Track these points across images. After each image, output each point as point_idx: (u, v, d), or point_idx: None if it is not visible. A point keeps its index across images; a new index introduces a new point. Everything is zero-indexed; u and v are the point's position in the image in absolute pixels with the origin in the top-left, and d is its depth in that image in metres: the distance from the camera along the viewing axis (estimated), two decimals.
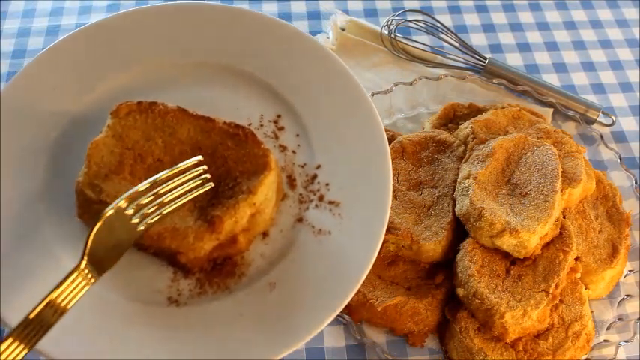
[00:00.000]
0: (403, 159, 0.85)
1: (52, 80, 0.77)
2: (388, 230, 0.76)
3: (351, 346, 0.78)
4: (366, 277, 0.77)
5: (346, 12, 1.13)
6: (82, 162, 0.68)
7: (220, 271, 0.67)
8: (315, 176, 0.73)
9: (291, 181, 0.73)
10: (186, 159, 0.68)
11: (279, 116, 0.77)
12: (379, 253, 0.79)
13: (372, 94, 0.93)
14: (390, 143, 0.86)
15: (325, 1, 1.16)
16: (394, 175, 0.83)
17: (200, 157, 0.67)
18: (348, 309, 0.77)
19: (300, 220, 0.71)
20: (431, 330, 0.78)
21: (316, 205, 0.71)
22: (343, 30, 1.09)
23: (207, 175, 0.67)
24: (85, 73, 0.78)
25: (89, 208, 0.67)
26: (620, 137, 1.00)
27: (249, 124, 0.76)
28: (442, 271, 0.79)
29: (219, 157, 0.69)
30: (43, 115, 0.75)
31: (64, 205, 0.70)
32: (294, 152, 0.75)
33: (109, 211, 0.61)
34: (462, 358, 0.74)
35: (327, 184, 0.72)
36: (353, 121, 0.75)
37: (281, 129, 0.77)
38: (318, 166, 0.74)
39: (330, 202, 0.71)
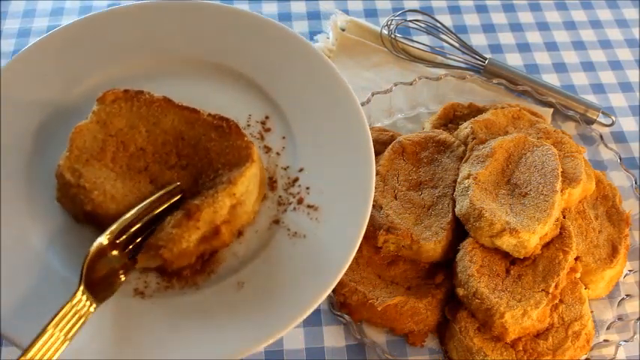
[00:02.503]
0: (403, 159, 0.85)
1: (40, 70, 0.78)
2: (388, 230, 0.76)
3: (351, 346, 0.78)
4: (366, 277, 0.78)
5: (346, 12, 1.13)
6: (64, 150, 0.69)
7: (191, 267, 0.67)
8: (296, 179, 0.73)
9: (272, 183, 0.73)
10: (169, 149, 0.70)
11: (267, 117, 0.78)
12: (379, 253, 0.79)
13: (372, 94, 0.93)
14: (390, 143, 0.87)
15: (325, 1, 1.16)
16: (394, 175, 0.83)
17: (178, 183, 0.68)
18: (348, 309, 0.77)
19: (276, 221, 0.71)
20: (431, 330, 0.78)
21: (294, 208, 0.71)
22: (343, 30, 1.09)
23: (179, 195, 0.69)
24: (75, 64, 0.79)
25: (67, 192, 0.67)
26: (620, 137, 1.00)
27: None
28: (442, 271, 0.79)
29: (201, 149, 0.69)
30: (28, 103, 0.75)
31: (44, 191, 0.70)
32: (278, 154, 0.75)
33: (96, 244, 0.62)
34: (462, 358, 0.74)
35: (308, 188, 0.72)
36: (340, 127, 0.75)
37: (267, 130, 0.77)
38: (301, 169, 0.74)
39: (309, 206, 0.71)
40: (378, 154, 0.87)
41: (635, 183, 0.88)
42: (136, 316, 0.64)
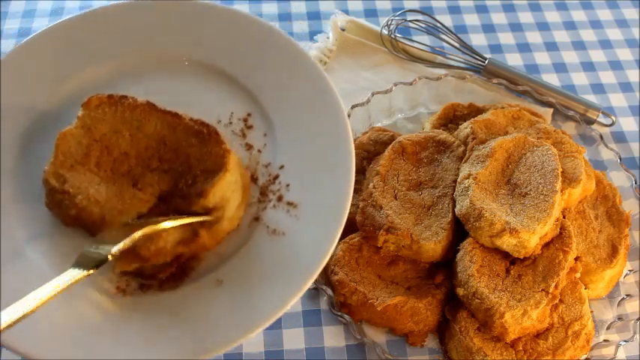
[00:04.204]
0: (403, 159, 0.85)
1: (24, 74, 0.78)
2: (388, 230, 0.76)
3: (351, 346, 0.78)
4: (366, 277, 0.78)
5: (346, 12, 1.13)
6: (48, 156, 0.69)
7: (168, 270, 0.68)
8: (277, 176, 0.73)
9: (253, 180, 0.74)
10: (152, 153, 0.71)
11: (249, 115, 0.78)
12: (379, 253, 0.79)
13: (372, 94, 0.93)
14: (390, 143, 0.87)
15: (325, 1, 1.16)
16: (394, 175, 0.83)
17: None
18: (348, 309, 0.77)
19: (256, 219, 0.71)
20: (431, 330, 0.78)
21: (274, 205, 0.71)
22: (343, 30, 1.09)
23: None
24: (57, 67, 0.79)
25: (53, 198, 0.68)
26: (620, 137, 1.00)
27: (219, 122, 0.77)
28: (442, 271, 0.79)
29: (182, 154, 0.70)
30: (12, 108, 0.76)
31: (29, 195, 0.71)
32: (259, 151, 0.75)
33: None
34: (462, 358, 0.74)
35: (288, 185, 0.72)
36: (322, 124, 0.74)
37: (250, 127, 0.77)
38: (282, 167, 0.74)
39: (289, 203, 0.71)
40: (378, 154, 0.87)
41: (635, 183, 0.88)
42: (114, 312, 0.65)
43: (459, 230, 0.79)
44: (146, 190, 0.69)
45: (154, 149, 0.71)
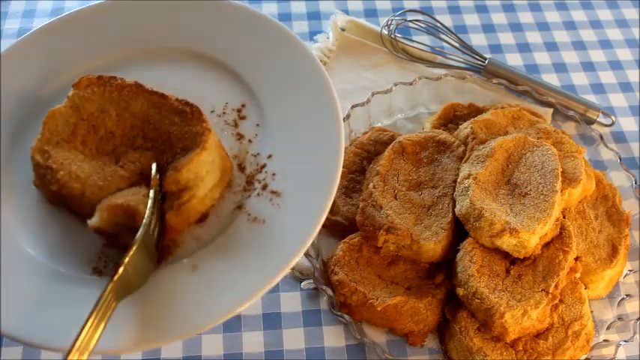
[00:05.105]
0: (403, 159, 0.85)
1: (22, 67, 0.80)
2: (388, 230, 0.76)
3: (351, 346, 0.78)
4: (366, 277, 0.78)
5: (346, 12, 1.13)
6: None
7: None
8: (264, 165, 0.73)
9: (241, 169, 0.74)
10: (136, 132, 0.72)
11: (243, 105, 0.78)
12: (379, 253, 0.79)
13: (372, 94, 0.93)
14: (390, 143, 0.87)
15: (325, 1, 1.16)
16: (394, 175, 0.83)
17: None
18: (348, 309, 0.77)
19: (239, 207, 0.71)
20: (431, 330, 0.78)
21: (258, 194, 0.71)
22: (343, 30, 1.09)
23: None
24: (55, 60, 0.81)
25: (38, 174, 0.69)
26: (620, 137, 1.00)
27: (212, 111, 0.77)
28: (442, 271, 0.79)
29: (164, 132, 0.71)
30: (9, 95, 0.78)
31: (21, 177, 0.72)
32: (250, 141, 0.76)
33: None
34: (462, 358, 0.74)
35: (274, 174, 0.72)
36: (315, 119, 0.74)
37: (242, 118, 0.78)
38: (270, 156, 0.74)
39: (272, 192, 0.71)
40: (378, 154, 0.87)
41: (635, 183, 0.88)
42: (86, 291, 0.65)
43: (459, 230, 0.79)
44: (127, 167, 0.70)
45: (138, 128, 0.72)
